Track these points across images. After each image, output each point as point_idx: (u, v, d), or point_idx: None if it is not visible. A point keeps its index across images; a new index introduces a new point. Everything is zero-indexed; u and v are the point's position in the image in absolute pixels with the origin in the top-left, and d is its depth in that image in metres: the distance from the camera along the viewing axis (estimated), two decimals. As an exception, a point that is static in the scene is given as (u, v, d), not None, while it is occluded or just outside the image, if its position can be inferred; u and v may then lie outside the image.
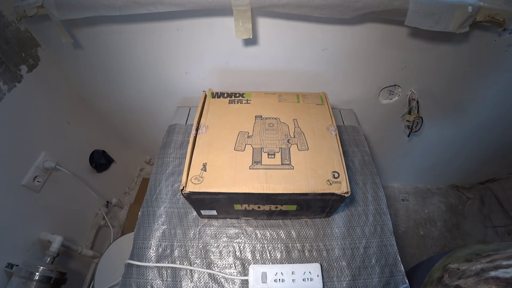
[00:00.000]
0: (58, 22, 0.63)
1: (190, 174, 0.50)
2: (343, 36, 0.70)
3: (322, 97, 0.66)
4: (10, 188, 0.72)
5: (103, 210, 1.08)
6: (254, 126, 0.58)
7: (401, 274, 0.57)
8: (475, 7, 0.56)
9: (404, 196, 1.42)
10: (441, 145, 1.11)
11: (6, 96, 0.69)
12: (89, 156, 1.03)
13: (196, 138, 0.56)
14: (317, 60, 0.77)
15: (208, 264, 0.58)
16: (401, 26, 0.63)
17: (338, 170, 0.51)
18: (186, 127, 0.82)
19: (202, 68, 0.81)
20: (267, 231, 0.62)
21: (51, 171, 0.84)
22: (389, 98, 0.90)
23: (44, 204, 0.83)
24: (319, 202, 0.53)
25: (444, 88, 0.84)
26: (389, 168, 1.33)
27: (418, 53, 0.73)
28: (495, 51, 0.70)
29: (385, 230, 0.62)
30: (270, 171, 0.50)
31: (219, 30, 0.69)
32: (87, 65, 0.83)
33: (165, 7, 0.59)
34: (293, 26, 0.67)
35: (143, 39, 0.73)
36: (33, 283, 0.69)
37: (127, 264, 0.58)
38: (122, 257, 0.61)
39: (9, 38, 0.69)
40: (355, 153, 0.76)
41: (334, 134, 0.57)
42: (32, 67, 0.76)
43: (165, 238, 0.61)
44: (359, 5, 0.57)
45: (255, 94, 0.66)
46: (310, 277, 0.55)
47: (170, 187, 0.69)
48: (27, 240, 0.78)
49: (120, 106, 1.01)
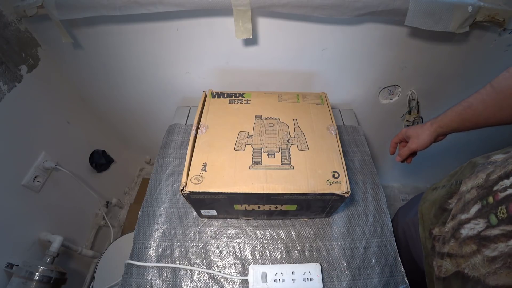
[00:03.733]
0: (58, 22, 0.63)
1: (190, 174, 0.50)
2: (343, 36, 0.70)
3: (322, 97, 0.66)
4: (10, 188, 0.72)
5: (103, 210, 1.08)
6: (254, 126, 0.58)
7: (401, 274, 0.57)
8: (475, 7, 0.56)
9: (404, 196, 1.42)
10: (441, 145, 1.11)
11: (6, 96, 0.69)
12: (89, 156, 1.03)
13: (196, 138, 0.56)
14: (317, 60, 0.77)
15: (208, 264, 0.58)
16: (401, 26, 0.63)
17: (338, 170, 0.51)
18: (186, 127, 0.82)
19: (202, 68, 0.81)
20: (267, 231, 0.62)
21: (51, 171, 0.84)
22: (389, 98, 0.90)
23: (44, 204, 0.83)
24: (319, 202, 0.53)
25: (444, 88, 0.84)
26: (389, 168, 1.32)
27: (418, 53, 0.73)
28: (495, 51, 0.70)
29: (385, 230, 0.62)
30: (270, 171, 0.50)
31: (219, 30, 0.69)
32: (87, 65, 0.83)
33: (165, 7, 0.59)
34: (293, 26, 0.67)
35: (143, 39, 0.73)
36: (33, 283, 0.69)
37: (127, 264, 0.58)
38: (122, 257, 0.61)
39: (9, 38, 0.69)
40: (355, 153, 0.76)
41: (334, 134, 0.57)
42: (32, 67, 0.76)
43: (165, 238, 0.61)
44: (359, 5, 0.57)
45: (255, 94, 0.66)
46: (310, 277, 0.55)
47: (170, 187, 0.69)
48: (27, 240, 0.78)
49: (120, 106, 1.01)
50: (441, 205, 0.50)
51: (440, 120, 0.55)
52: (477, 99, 0.49)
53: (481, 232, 0.37)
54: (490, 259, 0.35)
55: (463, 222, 0.41)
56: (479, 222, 0.38)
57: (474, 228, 0.39)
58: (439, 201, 0.51)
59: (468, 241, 0.39)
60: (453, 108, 0.52)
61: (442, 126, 0.54)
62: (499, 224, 0.35)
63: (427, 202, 0.56)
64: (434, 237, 0.49)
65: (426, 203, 0.56)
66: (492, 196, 0.38)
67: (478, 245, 0.37)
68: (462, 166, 0.53)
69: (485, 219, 0.37)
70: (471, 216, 0.40)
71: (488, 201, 0.38)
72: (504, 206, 0.35)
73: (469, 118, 0.50)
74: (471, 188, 0.43)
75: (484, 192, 0.40)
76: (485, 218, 0.37)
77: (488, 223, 0.37)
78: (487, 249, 0.36)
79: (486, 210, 0.38)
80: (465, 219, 0.41)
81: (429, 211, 0.53)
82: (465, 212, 0.42)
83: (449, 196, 0.49)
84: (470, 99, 0.50)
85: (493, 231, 0.36)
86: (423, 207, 0.56)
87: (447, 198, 0.49)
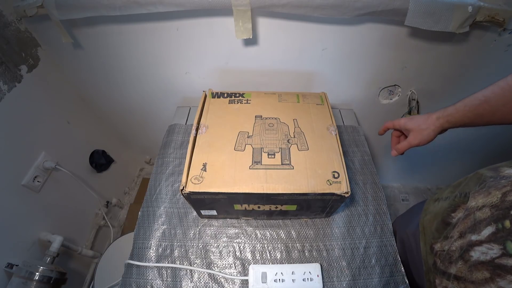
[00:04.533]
0: (58, 22, 0.63)
1: (190, 174, 0.50)
2: (343, 36, 0.70)
3: (322, 97, 0.66)
4: (10, 188, 0.72)
5: (103, 210, 1.08)
6: (254, 126, 0.58)
7: (401, 274, 0.57)
8: (475, 7, 0.56)
9: (404, 196, 1.42)
10: (441, 145, 1.11)
11: (6, 96, 0.69)
12: (89, 156, 1.03)
13: (196, 138, 0.56)
14: (317, 60, 0.77)
15: (208, 264, 0.58)
16: (401, 26, 0.63)
17: (338, 170, 0.51)
18: (186, 127, 0.82)
19: (202, 68, 0.81)
20: (267, 231, 0.62)
21: (51, 171, 0.84)
22: (389, 98, 0.90)
23: (44, 204, 0.83)
24: (319, 202, 0.53)
25: (444, 88, 0.84)
26: (389, 168, 1.33)
27: (418, 53, 0.73)
28: (495, 51, 0.70)
29: (385, 230, 0.62)
30: (270, 171, 0.50)
31: (219, 30, 0.69)
32: (87, 65, 0.83)
33: (165, 7, 0.59)
34: (293, 26, 0.67)
35: (143, 39, 0.73)
36: (33, 283, 0.69)
37: (127, 264, 0.58)
38: (122, 257, 0.61)
39: (9, 38, 0.69)
40: (355, 153, 0.76)
41: (334, 134, 0.57)
42: (32, 67, 0.76)
43: (165, 238, 0.61)
44: (359, 5, 0.57)
45: (255, 94, 0.66)
46: (310, 277, 0.55)
47: (170, 187, 0.69)
48: (27, 240, 0.78)
49: (120, 106, 1.01)
50: (444, 219, 0.47)
51: (449, 114, 0.49)
52: (495, 93, 0.43)
53: (496, 259, 0.34)
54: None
55: (473, 244, 0.38)
56: (493, 247, 0.35)
57: (487, 253, 0.36)
58: (442, 214, 0.48)
59: (479, 266, 0.36)
60: (465, 101, 0.47)
61: (451, 122, 0.49)
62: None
63: (428, 214, 0.53)
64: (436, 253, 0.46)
65: (428, 215, 0.53)
66: (509, 220, 0.34)
67: (492, 274, 0.34)
68: (466, 177, 0.49)
69: (501, 246, 0.34)
70: (483, 238, 0.37)
71: (505, 225, 0.35)
72: None
73: (484, 114, 0.45)
74: (482, 206, 0.39)
75: (499, 214, 0.36)
76: (500, 244, 0.34)
77: (504, 250, 0.34)
78: (502, 280, 0.33)
79: (501, 235, 0.35)
80: (475, 240, 0.38)
81: (431, 224, 0.50)
82: (476, 233, 0.38)
83: (453, 209, 0.46)
84: (486, 93, 0.44)
85: (510, 261, 0.32)
86: (425, 219, 0.53)
87: (450, 212, 0.46)
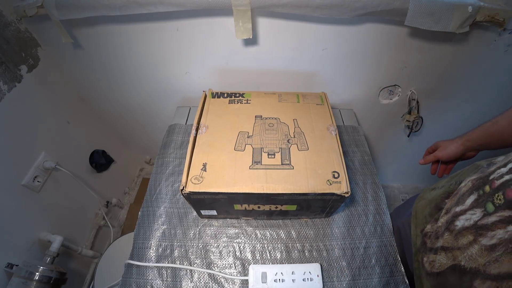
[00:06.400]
0: (58, 22, 0.63)
1: (190, 174, 0.50)
2: (343, 36, 0.70)
3: (322, 97, 0.66)
4: (10, 188, 0.72)
5: (103, 210, 1.08)
6: (254, 126, 0.58)
7: (401, 274, 0.57)
8: (475, 7, 0.56)
9: (404, 196, 1.42)
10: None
11: (6, 96, 0.69)
12: (89, 156, 1.04)
13: (196, 138, 0.56)
14: (317, 60, 0.77)
15: (208, 264, 0.58)
16: (401, 26, 0.63)
17: (338, 170, 0.51)
18: (186, 127, 0.82)
19: (202, 68, 0.81)
20: (267, 231, 0.62)
21: (51, 171, 0.84)
22: (389, 98, 0.90)
23: (44, 204, 0.83)
24: (319, 202, 0.53)
25: (444, 88, 0.84)
26: (389, 168, 1.32)
27: (418, 53, 0.73)
28: (495, 51, 0.70)
29: (385, 230, 0.62)
30: (270, 171, 0.50)
31: (219, 30, 0.69)
32: (87, 65, 0.83)
33: (165, 7, 0.59)
34: (293, 26, 0.67)
35: (143, 39, 0.73)
36: (33, 283, 0.69)
37: (127, 264, 0.58)
38: (122, 257, 0.61)
39: (9, 38, 0.69)
40: (355, 153, 0.76)
41: (334, 134, 0.57)
42: (32, 67, 0.76)
43: (165, 238, 0.61)
44: (359, 5, 0.57)
45: (255, 94, 0.66)
46: (310, 277, 0.55)
47: (170, 187, 0.69)
48: (27, 240, 0.78)
49: (120, 106, 1.01)
50: (437, 204, 0.49)
51: (468, 134, 0.57)
52: (503, 116, 0.52)
53: (478, 221, 0.36)
54: (489, 248, 0.34)
55: (457, 214, 0.40)
56: (476, 212, 0.37)
57: (470, 218, 0.38)
58: (436, 200, 0.50)
59: (464, 232, 0.38)
60: (482, 124, 0.55)
61: (469, 140, 0.56)
62: (496, 210, 0.34)
63: (422, 200, 0.55)
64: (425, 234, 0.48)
65: (421, 201, 0.55)
66: (488, 185, 0.37)
67: (475, 235, 0.36)
68: (464, 169, 0.53)
69: (482, 208, 0.36)
70: (466, 207, 0.39)
71: (485, 190, 0.37)
72: (501, 192, 0.34)
73: (494, 134, 0.52)
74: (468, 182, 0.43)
75: (480, 183, 0.39)
76: (481, 207, 0.36)
77: (485, 212, 0.35)
78: (484, 238, 0.35)
79: (482, 199, 0.37)
80: (460, 211, 0.40)
81: (424, 209, 0.53)
82: (460, 204, 0.41)
83: (446, 196, 0.48)
84: (498, 117, 0.52)
85: (490, 219, 0.34)
86: (418, 205, 0.55)
87: (444, 198, 0.49)
